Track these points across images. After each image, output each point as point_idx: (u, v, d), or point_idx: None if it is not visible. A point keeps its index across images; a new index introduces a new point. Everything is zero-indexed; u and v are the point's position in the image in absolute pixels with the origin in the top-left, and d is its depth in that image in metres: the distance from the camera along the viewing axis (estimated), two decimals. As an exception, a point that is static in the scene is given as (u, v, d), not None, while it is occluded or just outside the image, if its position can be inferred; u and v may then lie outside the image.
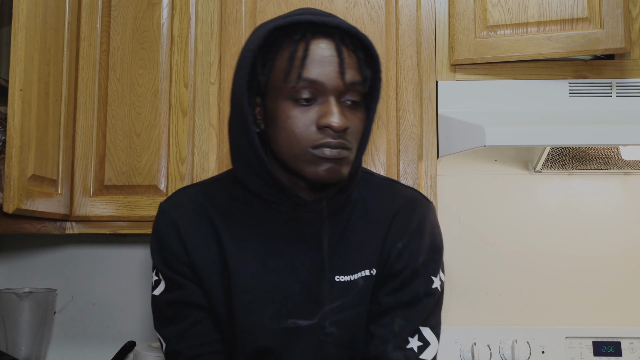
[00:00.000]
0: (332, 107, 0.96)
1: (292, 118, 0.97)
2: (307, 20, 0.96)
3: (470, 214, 1.89)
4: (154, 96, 1.62)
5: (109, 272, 1.92)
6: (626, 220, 1.86)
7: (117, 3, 1.64)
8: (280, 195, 1.03)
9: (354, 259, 1.07)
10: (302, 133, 0.96)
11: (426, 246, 1.09)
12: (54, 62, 1.46)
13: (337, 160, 0.97)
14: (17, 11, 1.27)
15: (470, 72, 1.60)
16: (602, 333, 1.77)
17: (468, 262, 1.87)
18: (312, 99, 0.96)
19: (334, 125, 0.94)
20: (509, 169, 1.89)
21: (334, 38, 0.97)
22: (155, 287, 1.09)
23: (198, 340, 1.05)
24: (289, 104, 0.97)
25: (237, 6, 1.63)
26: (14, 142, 1.26)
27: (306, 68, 0.95)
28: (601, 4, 1.49)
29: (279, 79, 0.97)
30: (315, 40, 0.96)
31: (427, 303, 1.07)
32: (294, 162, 0.98)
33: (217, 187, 1.12)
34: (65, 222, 1.62)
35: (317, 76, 0.95)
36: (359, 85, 0.98)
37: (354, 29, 0.97)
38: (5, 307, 1.69)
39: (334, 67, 0.96)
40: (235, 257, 1.05)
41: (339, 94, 0.97)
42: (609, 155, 1.63)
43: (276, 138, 0.99)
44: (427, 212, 1.12)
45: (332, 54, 0.96)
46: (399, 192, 1.13)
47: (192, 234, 1.06)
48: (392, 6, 1.62)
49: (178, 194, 1.13)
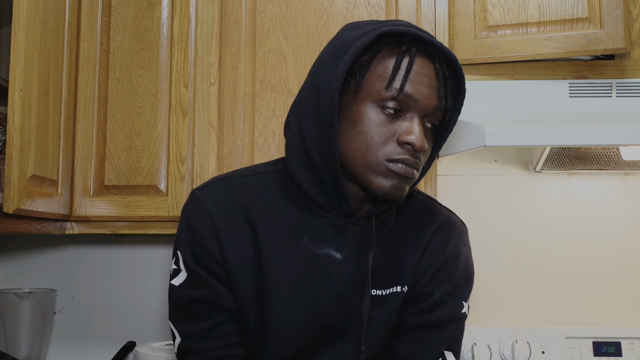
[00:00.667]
0: (416, 126, 0.94)
1: (374, 124, 0.94)
2: (417, 35, 0.94)
3: (470, 214, 1.89)
4: (154, 96, 1.62)
5: (109, 272, 1.92)
6: (626, 220, 1.86)
7: (117, 3, 1.64)
8: (332, 201, 1.00)
9: (389, 274, 1.05)
10: (380, 142, 0.94)
11: (460, 271, 1.09)
12: (54, 62, 1.46)
13: (406, 178, 0.95)
14: (17, 11, 1.27)
15: (470, 72, 1.60)
16: (602, 333, 1.77)
17: (468, 262, 1.87)
18: (399, 112, 0.95)
19: (417, 145, 0.93)
20: (509, 169, 1.89)
21: (434, 60, 0.96)
22: (174, 276, 1.03)
23: (219, 343, 1.01)
24: (376, 110, 0.95)
25: (237, 6, 1.63)
26: (14, 142, 1.25)
27: (409, 82, 0.93)
28: (601, 4, 1.49)
29: (374, 84, 0.95)
30: (420, 56, 0.95)
31: (454, 327, 1.08)
32: (363, 169, 0.95)
33: (258, 181, 1.06)
34: (65, 222, 1.62)
35: (415, 93, 0.94)
36: (442, 112, 0.98)
37: (453, 57, 0.97)
38: (5, 307, 1.69)
39: (430, 88, 0.95)
40: (272, 261, 1.00)
41: (424, 115, 0.96)
42: (609, 156, 1.63)
43: (351, 141, 0.96)
44: (464, 236, 1.13)
45: (431, 76, 0.95)
46: (438, 212, 1.12)
47: (229, 231, 1.00)
48: (392, 6, 1.62)
49: (215, 184, 1.05)
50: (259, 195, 1.03)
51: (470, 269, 1.11)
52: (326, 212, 1.01)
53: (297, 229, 1.01)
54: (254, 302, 1.01)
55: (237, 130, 1.59)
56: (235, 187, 1.04)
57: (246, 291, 1.01)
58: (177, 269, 1.03)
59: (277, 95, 1.59)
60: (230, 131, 1.59)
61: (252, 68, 1.61)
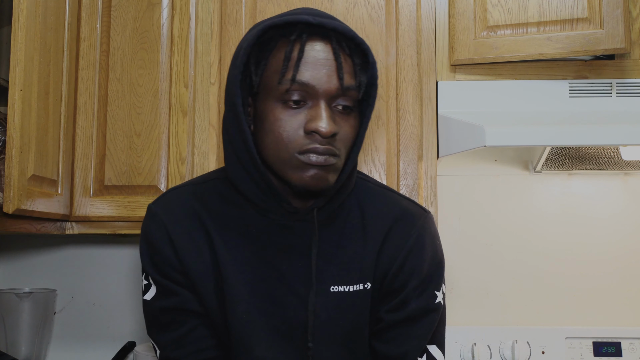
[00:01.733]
0: (321, 112, 0.92)
1: (280, 121, 0.93)
2: (304, 21, 0.93)
3: (471, 214, 1.89)
4: (154, 96, 1.62)
5: (109, 272, 1.92)
6: (626, 220, 1.86)
7: (117, 3, 1.64)
8: (271, 201, 1.00)
9: (349, 269, 1.03)
10: (289, 137, 0.92)
11: (428, 260, 1.06)
12: (54, 62, 1.46)
13: (323, 167, 0.93)
14: (17, 11, 1.27)
15: (470, 72, 1.60)
16: (602, 333, 1.77)
17: (468, 262, 1.87)
18: (302, 102, 0.93)
19: (322, 131, 0.91)
20: (509, 169, 1.89)
21: (331, 41, 0.93)
22: (146, 291, 1.06)
23: (195, 347, 1.03)
24: (279, 106, 0.93)
25: (237, 6, 1.63)
26: (14, 142, 1.25)
27: (300, 70, 0.92)
28: (601, 4, 1.49)
29: (271, 80, 0.94)
30: (311, 41, 0.93)
31: (431, 319, 1.05)
32: (281, 166, 0.95)
33: (208, 188, 1.07)
34: (65, 223, 1.62)
35: (310, 79, 0.91)
36: (352, 90, 0.94)
37: (351, 33, 0.94)
38: (5, 307, 1.69)
39: (328, 70, 0.92)
40: (229, 264, 1.01)
41: (331, 99, 0.93)
42: (609, 156, 1.63)
43: (264, 140, 0.96)
44: (426, 224, 1.08)
45: (327, 57, 0.93)
46: (395, 203, 1.09)
47: (184, 238, 1.02)
48: (392, 6, 1.62)
49: (168, 194, 1.07)
50: (210, 201, 1.05)
51: (438, 256, 1.08)
52: (270, 213, 1.01)
53: (247, 233, 1.02)
54: (217, 305, 1.02)
55: (237, 130, 1.59)
56: (187, 196, 1.06)
57: (209, 295, 1.02)
58: (148, 283, 1.05)
59: (277, 95, 1.59)
60: (230, 131, 1.59)
61: (252, 68, 1.61)
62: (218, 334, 1.05)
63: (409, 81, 1.59)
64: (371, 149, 1.58)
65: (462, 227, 1.88)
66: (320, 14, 0.96)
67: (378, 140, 1.58)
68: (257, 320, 1.01)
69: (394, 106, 1.59)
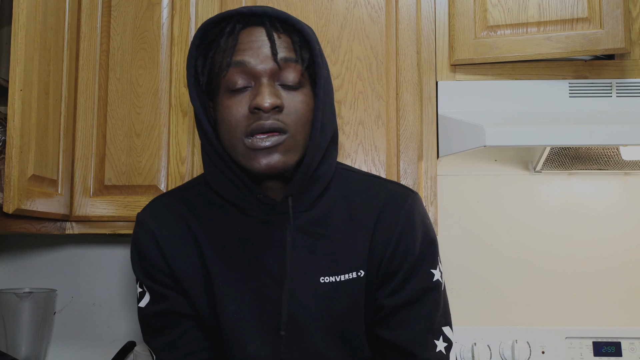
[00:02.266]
0: (261, 88, 0.92)
1: (229, 107, 0.94)
2: (236, 12, 0.95)
3: (470, 214, 1.89)
4: (154, 96, 1.62)
5: (109, 272, 1.92)
6: (626, 220, 1.86)
7: (117, 3, 1.64)
8: (249, 197, 1.00)
9: (339, 259, 1.03)
10: (236, 120, 0.93)
11: (419, 240, 1.05)
12: (54, 62, 1.46)
13: (272, 148, 0.92)
14: (17, 11, 1.27)
15: (470, 72, 1.60)
16: (602, 333, 1.77)
17: (468, 262, 1.87)
18: (247, 86, 0.94)
19: (263, 105, 0.91)
20: (509, 169, 1.89)
21: (265, 25, 0.95)
22: (141, 299, 1.08)
23: (188, 349, 1.03)
24: (227, 95, 0.95)
25: (237, 6, 1.62)
26: (14, 142, 1.25)
27: (235, 54, 0.93)
28: (601, 4, 1.49)
29: (214, 74, 0.97)
30: (246, 29, 0.95)
31: (433, 297, 1.04)
32: (237, 156, 0.95)
33: (193, 193, 1.08)
34: (65, 222, 1.62)
35: (246, 58, 0.93)
36: (292, 62, 0.94)
37: (283, 15, 0.95)
38: (5, 307, 1.69)
39: (263, 49, 0.93)
40: (216, 265, 1.02)
41: (272, 76, 0.94)
42: (609, 156, 1.63)
43: (221, 132, 0.97)
44: (414, 205, 1.07)
45: (261, 39, 0.94)
46: (381, 188, 1.08)
47: (171, 243, 1.04)
48: (392, 6, 1.62)
49: (155, 202, 1.09)
50: (195, 205, 1.06)
51: (430, 235, 1.07)
52: (251, 211, 1.02)
53: (232, 233, 1.03)
54: (207, 306, 1.03)
55: (237, 130, 1.59)
56: (173, 201, 1.07)
57: (199, 297, 1.03)
58: (142, 291, 1.08)
59: (277, 95, 1.59)
60: (230, 131, 1.59)
61: (252, 68, 1.61)
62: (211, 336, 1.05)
63: (409, 81, 1.59)
64: (371, 149, 1.58)
65: (462, 227, 1.88)
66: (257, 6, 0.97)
67: (378, 140, 1.58)
68: (247, 319, 1.02)
69: (394, 106, 1.59)
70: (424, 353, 1.02)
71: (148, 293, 1.06)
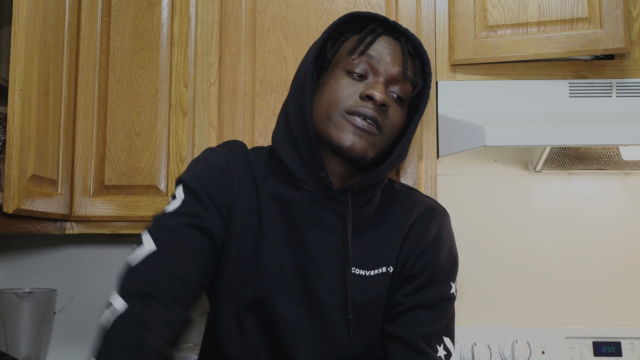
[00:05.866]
0: (379, 85, 1.01)
1: (340, 85, 1.02)
2: (382, 18, 1.06)
3: (470, 214, 1.89)
4: (154, 96, 1.62)
5: (109, 272, 1.92)
6: (626, 220, 1.86)
7: (117, 3, 1.64)
8: (309, 170, 1.05)
9: (371, 256, 1.09)
10: (343, 97, 1.01)
11: (445, 252, 1.12)
12: (54, 62, 1.46)
13: (365, 132, 1.00)
14: (17, 11, 1.27)
15: (470, 72, 1.60)
16: (602, 333, 1.77)
17: (468, 262, 1.87)
18: (364, 76, 1.03)
19: (376, 97, 0.99)
20: (509, 169, 1.89)
21: (401, 41, 1.06)
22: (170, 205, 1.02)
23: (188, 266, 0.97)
24: (343, 74, 1.03)
25: (237, 6, 1.63)
26: (14, 142, 1.26)
27: (372, 49, 1.03)
28: (601, 4, 1.49)
29: (342, 56, 1.05)
30: (385, 35, 1.06)
31: (446, 307, 1.11)
32: (327, 124, 1.02)
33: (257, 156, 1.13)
34: (65, 222, 1.62)
35: (377, 55, 1.03)
36: (410, 82, 1.05)
37: (417, 41, 1.07)
38: (5, 307, 1.69)
39: (393, 58, 1.04)
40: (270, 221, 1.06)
41: (389, 81, 1.03)
42: (609, 156, 1.63)
43: (319, 103, 1.04)
44: (445, 221, 1.16)
45: (396, 50, 1.05)
46: (418, 200, 1.17)
47: (241, 181, 1.07)
48: (392, 6, 1.62)
49: (230, 143, 1.14)
50: (259, 165, 1.11)
51: (454, 252, 1.15)
52: (305, 184, 1.06)
53: (282, 201, 1.07)
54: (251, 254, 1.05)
55: (237, 130, 1.59)
56: (244, 151, 1.13)
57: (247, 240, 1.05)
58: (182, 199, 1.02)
59: (277, 95, 1.59)
60: (230, 131, 1.59)
61: (252, 68, 1.61)
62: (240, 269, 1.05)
63: (409, 81, 1.59)
64: (371, 149, 1.58)
65: (462, 227, 1.88)
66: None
67: (378, 140, 1.58)
68: (285, 279, 1.06)
69: (394, 106, 1.59)
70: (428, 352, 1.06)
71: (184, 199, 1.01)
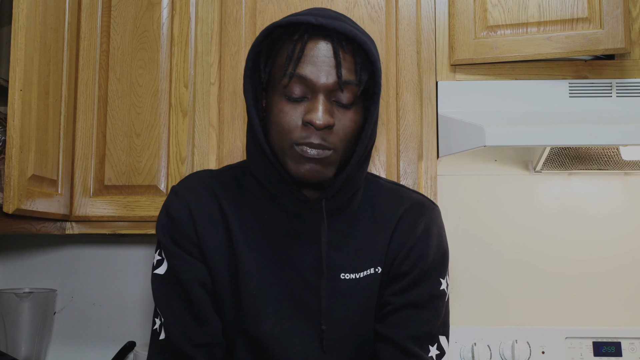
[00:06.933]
0: (318, 105, 0.98)
1: (282, 112, 1.00)
2: (306, 21, 0.98)
3: (470, 214, 1.89)
4: (154, 96, 1.62)
5: (109, 272, 1.92)
6: (626, 220, 1.86)
7: (117, 3, 1.64)
8: (284, 190, 1.05)
9: (360, 257, 1.09)
10: (289, 127, 0.99)
11: (434, 248, 1.11)
12: (54, 62, 1.46)
13: (318, 160, 0.99)
14: (17, 11, 1.27)
15: (470, 72, 1.60)
16: (602, 333, 1.77)
17: (468, 262, 1.87)
18: (303, 97, 1.00)
19: (316, 122, 0.97)
20: (509, 169, 1.89)
21: (332, 40, 0.99)
22: (157, 267, 1.09)
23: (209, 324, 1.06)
24: (283, 99, 1.00)
25: (237, 6, 1.63)
26: (14, 142, 1.25)
27: (300, 66, 0.98)
28: (601, 4, 1.49)
29: (276, 76, 1.02)
30: (312, 40, 0.99)
31: (436, 305, 1.09)
32: (282, 156, 1.01)
33: (228, 176, 1.14)
34: (65, 222, 1.62)
35: (308, 74, 0.98)
36: (351, 85, 1.00)
37: (352, 33, 0.99)
38: (5, 307, 1.69)
39: (327, 66, 0.98)
40: (242, 244, 1.07)
41: (329, 93, 0.99)
42: (609, 156, 1.63)
43: (271, 131, 1.03)
44: (434, 215, 1.15)
45: (327, 55, 0.99)
46: (405, 195, 1.16)
47: (203, 216, 1.08)
48: (392, 6, 1.62)
49: (191, 177, 1.15)
50: (228, 187, 1.12)
51: (443, 246, 1.14)
52: (282, 200, 1.07)
53: (259, 218, 1.08)
54: (228, 281, 1.07)
55: (237, 130, 1.59)
56: (208, 178, 1.13)
57: (220, 270, 1.07)
58: (161, 259, 1.10)
59: (277, 95, 1.59)
60: (230, 131, 1.59)
61: (252, 68, 1.61)
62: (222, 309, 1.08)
63: (409, 81, 1.59)
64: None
65: (462, 227, 1.88)
66: (325, 14, 1.01)
67: (378, 140, 1.58)
68: (266, 297, 1.06)
69: (394, 106, 1.59)
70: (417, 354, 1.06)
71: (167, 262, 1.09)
